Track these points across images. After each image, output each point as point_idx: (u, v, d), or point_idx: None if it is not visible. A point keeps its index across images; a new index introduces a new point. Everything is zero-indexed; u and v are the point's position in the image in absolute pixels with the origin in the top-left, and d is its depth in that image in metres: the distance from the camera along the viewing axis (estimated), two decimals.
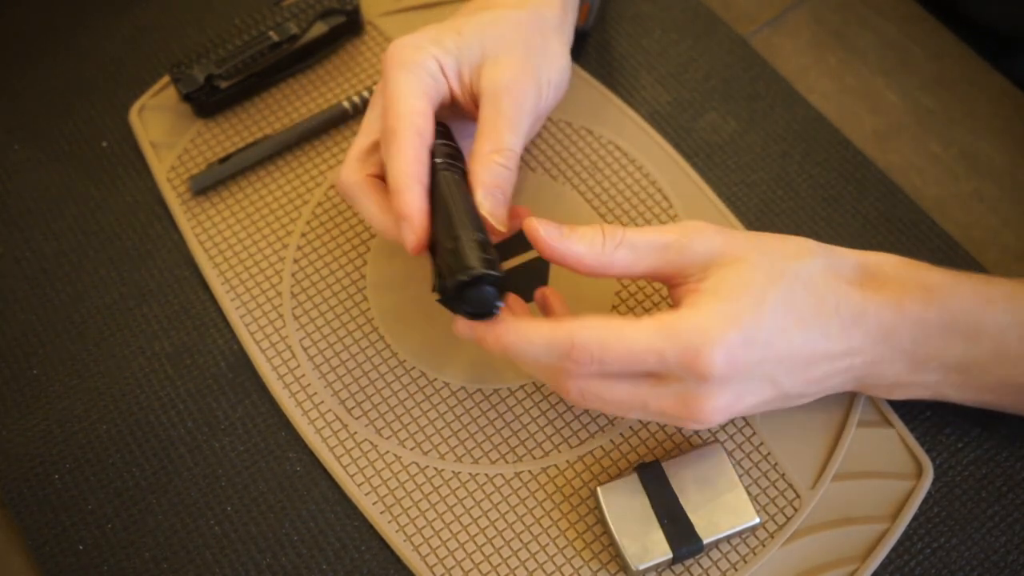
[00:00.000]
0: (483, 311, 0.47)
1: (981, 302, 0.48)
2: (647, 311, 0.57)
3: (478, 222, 0.48)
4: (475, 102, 0.53)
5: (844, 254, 0.49)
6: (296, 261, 0.60)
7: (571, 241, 0.47)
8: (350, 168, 0.53)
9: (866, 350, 0.48)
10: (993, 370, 0.50)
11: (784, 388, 0.47)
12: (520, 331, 0.46)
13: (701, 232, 0.48)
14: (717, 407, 0.46)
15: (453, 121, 0.56)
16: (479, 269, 0.45)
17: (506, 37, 0.54)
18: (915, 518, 0.52)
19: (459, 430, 0.54)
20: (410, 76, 0.52)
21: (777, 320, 0.45)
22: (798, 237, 0.49)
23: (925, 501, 0.52)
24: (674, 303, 0.48)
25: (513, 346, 0.46)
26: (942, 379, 0.50)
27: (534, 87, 0.53)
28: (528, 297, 0.57)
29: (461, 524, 0.52)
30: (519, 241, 0.59)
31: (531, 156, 0.62)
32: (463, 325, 0.48)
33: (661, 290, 0.58)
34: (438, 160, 0.51)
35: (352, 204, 0.54)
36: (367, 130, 0.54)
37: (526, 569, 0.51)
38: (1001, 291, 0.49)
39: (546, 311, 0.52)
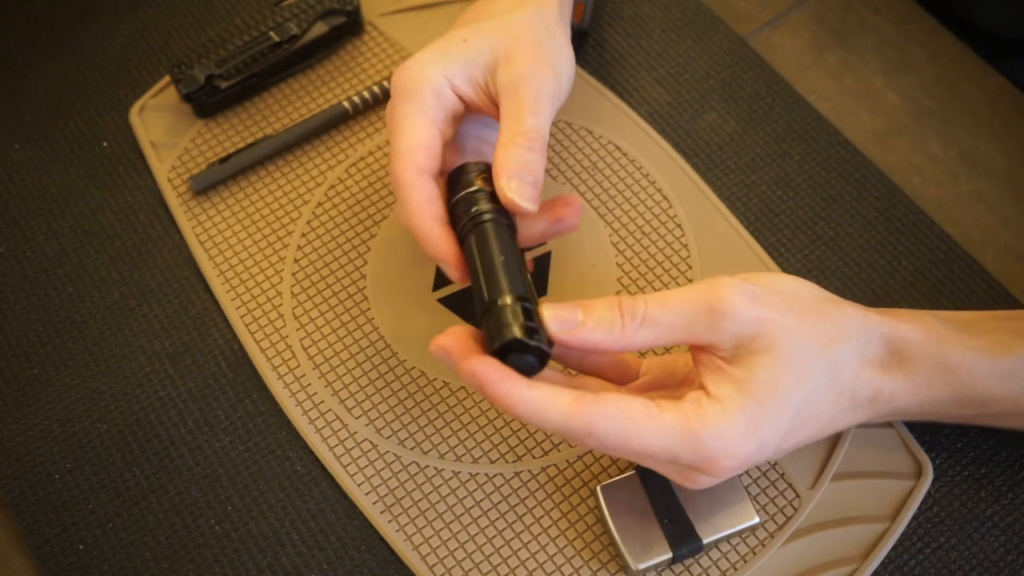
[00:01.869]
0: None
1: (1002, 379, 0.48)
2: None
3: (521, 284, 0.46)
4: (496, 104, 0.52)
5: (875, 328, 0.47)
6: (296, 261, 0.60)
7: (586, 330, 0.44)
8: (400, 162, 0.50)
9: (872, 419, 0.49)
10: (1000, 421, 0.51)
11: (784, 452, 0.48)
12: (534, 405, 0.43)
13: (733, 308, 0.44)
14: (715, 482, 0.46)
15: (481, 120, 0.55)
16: (523, 339, 0.43)
17: (514, 36, 0.53)
18: (914, 518, 0.52)
19: (459, 430, 0.54)
20: (409, 106, 0.51)
21: (796, 423, 0.45)
22: (838, 307, 0.47)
23: (924, 501, 0.52)
24: (694, 361, 0.46)
25: (524, 415, 0.43)
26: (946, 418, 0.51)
27: (552, 73, 0.52)
28: None
29: (461, 524, 0.52)
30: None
31: None
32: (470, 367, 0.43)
33: (668, 285, 0.58)
34: (482, 209, 0.49)
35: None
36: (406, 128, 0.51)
37: (526, 569, 0.51)
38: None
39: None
